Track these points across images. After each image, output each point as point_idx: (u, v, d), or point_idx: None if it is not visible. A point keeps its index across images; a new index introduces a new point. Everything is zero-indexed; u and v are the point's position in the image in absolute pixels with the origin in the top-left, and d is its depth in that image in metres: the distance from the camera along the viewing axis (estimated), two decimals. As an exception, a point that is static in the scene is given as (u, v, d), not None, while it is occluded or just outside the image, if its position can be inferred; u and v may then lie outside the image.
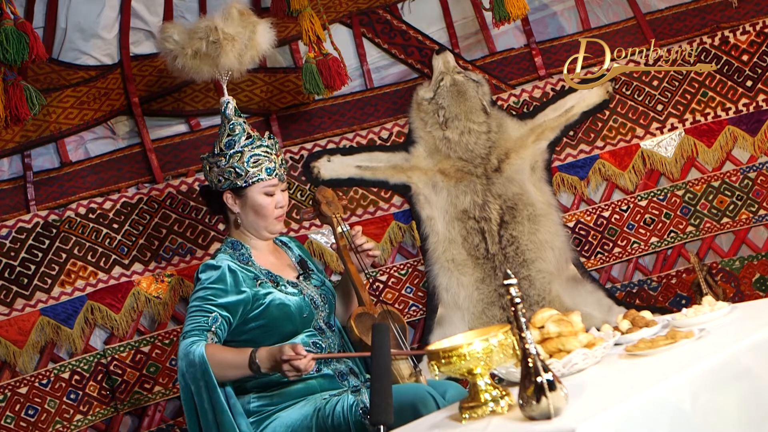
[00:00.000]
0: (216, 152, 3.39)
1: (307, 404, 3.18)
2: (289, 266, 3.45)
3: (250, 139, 3.38)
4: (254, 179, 3.34)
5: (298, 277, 3.40)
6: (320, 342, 3.30)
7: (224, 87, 3.65)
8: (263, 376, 3.11)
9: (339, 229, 3.49)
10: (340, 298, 3.56)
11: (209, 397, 3.05)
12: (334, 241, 3.55)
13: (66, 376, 4.26)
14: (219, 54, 3.61)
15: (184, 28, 3.72)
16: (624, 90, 4.88)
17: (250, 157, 3.34)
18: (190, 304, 3.21)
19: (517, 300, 2.36)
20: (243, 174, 3.33)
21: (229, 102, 3.53)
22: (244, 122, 3.46)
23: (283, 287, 3.29)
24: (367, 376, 3.36)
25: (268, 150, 3.38)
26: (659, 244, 4.91)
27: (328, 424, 3.09)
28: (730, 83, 4.77)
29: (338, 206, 3.57)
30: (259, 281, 3.26)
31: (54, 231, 4.29)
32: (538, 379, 2.26)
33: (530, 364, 2.30)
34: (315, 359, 3.02)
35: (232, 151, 3.35)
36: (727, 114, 4.78)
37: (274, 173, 3.37)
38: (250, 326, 3.24)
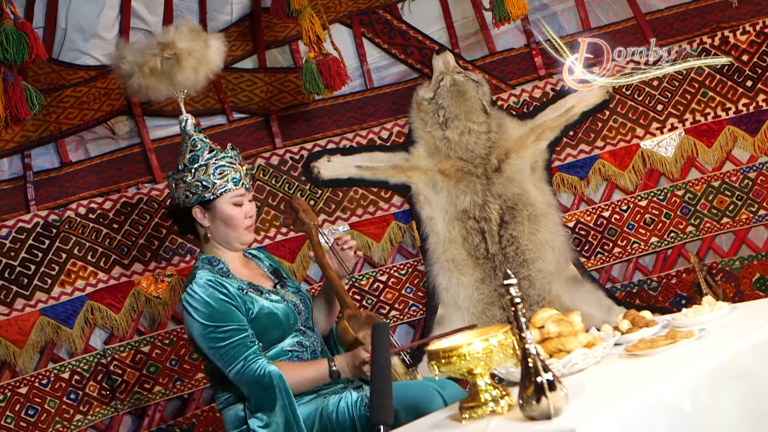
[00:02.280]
0: (180, 168, 3.40)
1: (310, 403, 3.21)
2: (263, 276, 3.47)
3: (213, 152, 3.39)
4: (221, 190, 3.33)
5: (275, 286, 3.42)
6: (304, 341, 3.34)
7: (182, 105, 3.65)
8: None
9: (316, 237, 3.52)
10: (321, 306, 3.58)
11: (293, 413, 3.13)
12: (312, 249, 3.56)
13: (66, 376, 4.26)
14: (175, 70, 3.62)
15: (136, 47, 3.75)
16: (624, 90, 4.88)
17: (215, 168, 3.35)
18: (214, 330, 3.16)
19: (517, 300, 2.36)
20: (210, 186, 3.33)
21: (188, 119, 3.52)
22: (205, 137, 3.47)
23: (267, 295, 3.32)
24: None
25: (232, 160, 3.39)
26: (659, 244, 4.91)
27: (332, 420, 3.11)
28: (730, 83, 4.77)
29: (313, 214, 3.61)
30: (245, 291, 3.28)
31: (54, 231, 4.29)
32: (538, 379, 2.27)
33: (530, 364, 2.30)
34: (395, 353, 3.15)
35: (196, 165, 3.35)
36: (727, 114, 4.78)
37: (241, 183, 3.37)
38: None
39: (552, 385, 2.26)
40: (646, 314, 3.05)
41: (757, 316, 2.92)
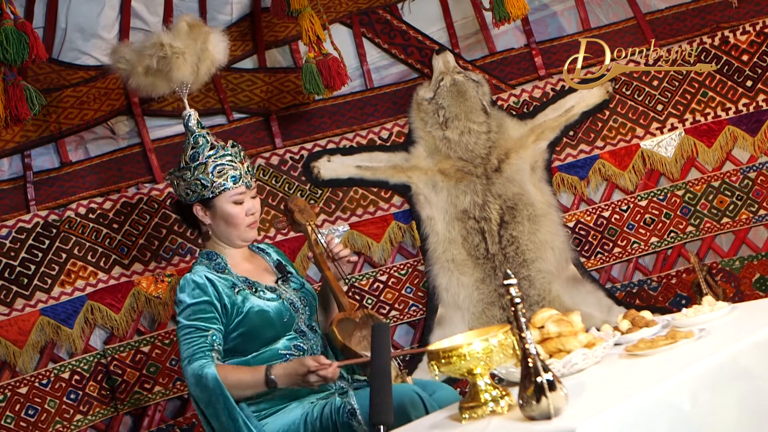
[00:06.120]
0: (181, 166, 3.41)
1: (295, 409, 3.19)
2: (267, 270, 3.47)
3: (214, 150, 3.39)
4: (220, 189, 3.34)
5: (276, 282, 3.42)
6: (302, 344, 3.31)
7: (185, 100, 3.65)
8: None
9: (313, 237, 3.51)
10: (320, 306, 3.56)
11: (230, 418, 3.08)
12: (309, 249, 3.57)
13: (66, 376, 4.26)
14: (170, 69, 3.60)
15: (133, 48, 3.72)
16: (624, 90, 4.88)
17: (214, 167, 3.35)
18: (182, 324, 3.21)
19: (517, 300, 2.36)
20: (209, 185, 3.34)
21: (191, 114, 3.53)
22: (208, 133, 3.48)
23: (261, 293, 3.31)
24: (355, 377, 3.37)
25: (233, 158, 3.39)
26: (659, 244, 4.91)
27: (316, 427, 3.10)
28: (730, 83, 4.77)
29: (311, 214, 3.60)
30: (237, 289, 3.28)
31: (54, 231, 4.29)
32: (538, 379, 2.27)
33: (530, 364, 2.30)
34: (340, 366, 3.06)
35: (196, 164, 3.36)
36: (727, 114, 4.78)
37: (240, 181, 3.37)
38: (231, 336, 3.26)
39: (552, 385, 2.26)
40: (646, 314, 3.05)
41: (757, 316, 2.92)
